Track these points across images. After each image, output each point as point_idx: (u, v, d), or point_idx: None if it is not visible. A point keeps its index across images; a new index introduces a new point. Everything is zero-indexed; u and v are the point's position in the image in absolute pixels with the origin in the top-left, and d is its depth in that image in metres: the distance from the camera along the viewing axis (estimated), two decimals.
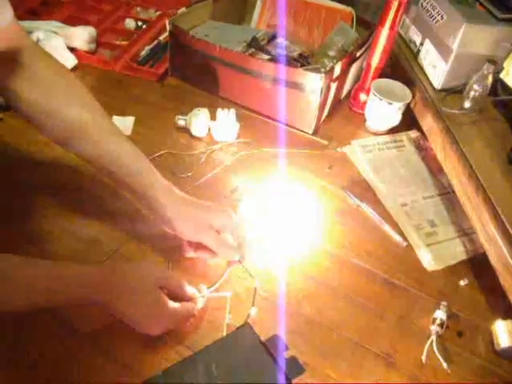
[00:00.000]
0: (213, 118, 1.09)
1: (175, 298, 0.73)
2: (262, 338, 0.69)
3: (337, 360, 0.76)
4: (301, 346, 0.77)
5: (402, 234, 0.97)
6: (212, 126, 1.08)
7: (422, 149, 1.18)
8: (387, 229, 0.98)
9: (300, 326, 0.79)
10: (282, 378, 0.62)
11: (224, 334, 0.74)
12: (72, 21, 1.36)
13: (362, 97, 1.25)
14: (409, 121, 1.19)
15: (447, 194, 1.07)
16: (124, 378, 0.70)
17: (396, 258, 0.93)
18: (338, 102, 1.26)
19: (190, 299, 0.75)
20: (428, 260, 0.93)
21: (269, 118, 1.18)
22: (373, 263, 0.91)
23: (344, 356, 0.77)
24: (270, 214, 0.93)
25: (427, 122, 1.09)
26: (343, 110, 1.27)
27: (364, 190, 1.05)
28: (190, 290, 0.75)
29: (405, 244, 0.95)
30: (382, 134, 1.20)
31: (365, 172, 1.09)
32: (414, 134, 1.22)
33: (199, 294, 0.76)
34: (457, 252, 0.96)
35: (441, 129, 1.03)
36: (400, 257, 0.93)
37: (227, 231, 0.82)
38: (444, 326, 0.82)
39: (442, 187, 1.09)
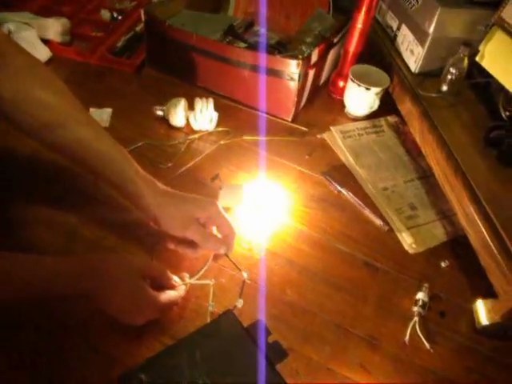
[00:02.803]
0: (191, 107, 1.08)
1: (158, 287, 0.72)
2: (245, 325, 0.69)
3: (320, 344, 0.77)
4: (284, 331, 0.77)
5: (383, 218, 0.97)
6: (190, 116, 1.07)
7: (402, 133, 1.18)
8: (368, 213, 0.98)
9: (283, 312, 0.79)
10: (265, 363, 0.62)
11: (208, 322, 0.74)
12: (45, 12, 1.32)
13: (341, 83, 1.24)
14: (388, 106, 1.19)
15: (427, 178, 1.08)
16: (108, 370, 0.69)
17: (377, 241, 0.93)
18: (316, 89, 1.25)
19: (172, 288, 0.74)
20: (409, 243, 0.94)
21: (248, 106, 1.18)
22: (354, 247, 0.91)
23: (327, 340, 0.78)
24: (250, 201, 0.93)
25: (406, 106, 1.10)
26: (322, 97, 1.27)
27: (344, 176, 1.05)
28: (172, 278, 0.75)
29: (386, 228, 0.96)
30: (361, 120, 1.20)
31: (345, 158, 1.10)
32: (392, 118, 1.22)
33: (181, 282, 0.76)
34: (437, 234, 0.97)
35: (419, 113, 1.04)
36: (381, 240, 0.94)
37: (213, 224, 0.81)
38: (426, 307, 0.83)
39: (421, 171, 1.09)
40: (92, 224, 0.87)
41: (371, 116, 1.20)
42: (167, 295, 0.72)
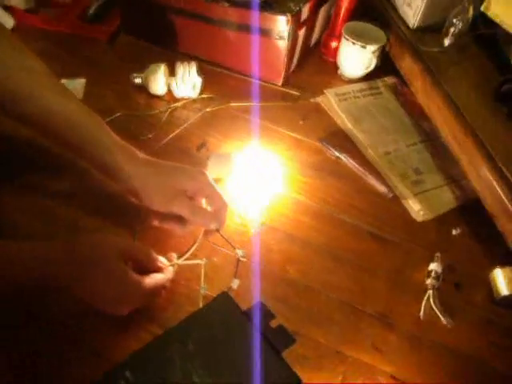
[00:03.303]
0: (172, 73, 0.98)
1: (142, 271, 0.63)
2: (243, 308, 0.61)
3: (328, 325, 0.69)
4: (287, 313, 0.69)
5: (386, 184, 0.89)
6: (172, 82, 0.98)
7: (401, 94, 1.10)
8: (371, 180, 0.90)
9: (284, 292, 0.72)
10: (269, 351, 0.53)
11: (200, 307, 0.66)
12: None
13: (333, 43, 1.15)
14: (384, 67, 1.11)
15: (431, 141, 1.00)
16: (92, 366, 0.61)
17: (383, 210, 0.86)
18: (307, 51, 1.16)
19: (158, 270, 0.65)
20: (417, 210, 0.86)
21: (234, 71, 1.08)
22: (358, 217, 0.83)
23: (335, 320, 0.70)
24: (241, 172, 0.84)
25: (405, 64, 1.01)
26: (314, 60, 1.18)
27: (342, 141, 0.97)
28: (158, 259, 0.66)
29: (391, 195, 0.88)
30: (356, 82, 1.12)
31: (342, 122, 1.01)
32: (390, 79, 1.14)
33: (169, 263, 0.67)
34: (446, 200, 0.89)
35: (421, 70, 0.95)
36: (387, 209, 0.86)
37: (202, 196, 0.72)
38: (440, 279, 0.76)
39: (424, 134, 1.01)
40: (68, 206, 0.77)
41: (367, 78, 1.12)
42: (153, 279, 0.63)
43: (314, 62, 1.17)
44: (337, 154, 0.93)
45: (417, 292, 0.75)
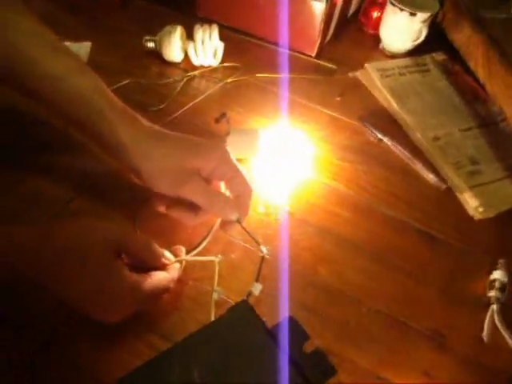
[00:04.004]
0: (190, 37, 0.85)
1: (141, 268, 0.51)
2: (264, 319, 0.46)
3: (368, 343, 0.56)
4: (317, 326, 0.56)
5: (437, 174, 0.75)
6: (189, 48, 0.84)
7: (451, 73, 0.95)
8: (419, 168, 0.76)
9: (314, 299, 0.58)
10: None
11: (212, 316, 0.53)
12: None
13: (375, 13, 1.01)
14: (431, 43, 0.96)
15: (488, 126, 0.86)
16: None
17: (434, 204, 0.72)
18: (344, 22, 1.02)
19: (161, 268, 0.52)
20: (474, 206, 0.72)
21: (260, 38, 0.95)
22: (404, 211, 0.70)
23: (378, 337, 0.56)
24: (268, 152, 0.71)
25: (463, 34, 0.87)
26: (351, 32, 1.04)
27: (385, 122, 0.83)
28: (161, 254, 0.53)
29: (444, 187, 0.74)
30: (400, 58, 0.97)
31: (385, 100, 0.87)
32: (439, 56, 0.99)
33: (175, 259, 0.54)
34: (509, 195, 0.75)
35: (483, 41, 0.81)
36: (439, 203, 0.72)
37: (221, 178, 0.58)
38: (506, 291, 0.62)
39: (480, 118, 0.87)
40: (58, 185, 0.64)
41: (412, 53, 0.97)
42: (154, 279, 0.50)
43: (351, 34, 1.03)
44: (379, 135, 0.79)
45: (477, 306, 0.61)
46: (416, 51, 0.97)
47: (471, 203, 0.72)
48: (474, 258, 0.66)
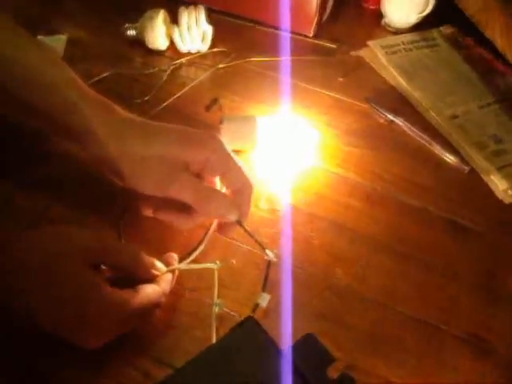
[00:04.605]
0: (174, 21, 0.77)
1: (126, 281, 0.42)
2: (276, 337, 0.37)
3: (397, 353, 0.48)
4: (337, 336, 0.48)
5: (459, 155, 0.67)
6: (175, 33, 0.76)
7: (462, 47, 0.87)
8: (438, 150, 0.68)
9: (332, 305, 0.50)
10: None
11: (213, 332, 0.44)
12: None
13: None
14: (436, 15, 0.88)
15: (509, 100, 0.77)
16: None
17: (458, 189, 0.64)
18: None
19: (150, 279, 0.44)
20: (503, 189, 0.64)
21: (252, 20, 0.86)
22: (426, 199, 0.61)
23: (408, 345, 0.48)
24: (268, 141, 0.63)
25: (476, 0, 0.78)
26: (350, 9, 0.95)
27: (395, 102, 0.75)
28: (150, 263, 0.45)
29: (467, 169, 0.66)
30: (404, 33, 0.89)
31: (393, 79, 0.79)
32: (447, 29, 0.91)
33: (166, 269, 0.46)
34: None
35: (500, 5, 0.72)
36: (463, 188, 0.64)
37: (215, 173, 0.50)
38: None
39: (498, 92, 0.79)
40: (33, 191, 0.56)
41: (417, 28, 0.89)
42: (142, 294, 0.42)
43: (350, 10, 0.95)
44: (390, 117, 0.71)
45: None
46: (420, 26, 0.89)
47: (500, 186, 0.64)
48: (510, 248, 0.58)
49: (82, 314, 0.39)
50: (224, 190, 0.51)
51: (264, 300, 0.44)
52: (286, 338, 0.38)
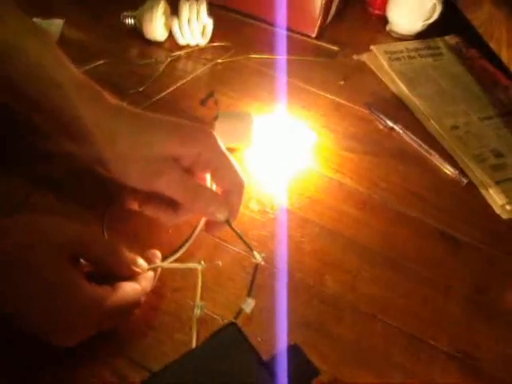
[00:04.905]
0: (175, 13, 0.75)
1: (106, 277, 0.40)
2: (263, 351, 0.35)
3: (386, 368, 0.46)
4: (324, 348, 0.46)
5: (458, 167, 0.66)
6: (174, 25, 0.74)
7: (466, 58, 0.86)
8: (437, 160, 0.66)
9: (320, 314, 0.48)
10: None
11: (194, 336, 0.42)
12: None
13: None
14: (441, 24, 0.87)
15: (511, 115, 0.76)
16: None
17: (455, 201, 0.62)
18: (347, 1, 0.92)
19: (131, 276, 0.42)
20: (501, 204, 0.63)
21: (254, 17, 0.85)
22: (423, 210, 0.60)
23: (396, 361, 0.46)
24: (263, 140, 0.61)
25: (483, 11, 0.77)
26: (355, 13, 0.95)
27: (395, 109, 0.73)
28: (130, 260, 0.43)
29: (465, 181, 0.64)
30: (408, 40, 0.88)
31: (394, 85, 0.77)
32: (452, 39, 0.89)
33: (148, 266, 0.44)
34: None
35: (506, 16, 0.71)
36: (460, 200, 0.63)
37: (206, 169, 0.48)
38: None
39: (501, 105, 0.78)
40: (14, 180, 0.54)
41: (421, 36, 0.88)
42: (120, 291, 0.40)
43: (355, 14, 0.94)
44: (390, 123, 0.69)
45: (510, 320, 0.51)
46: (425, 34, 0.88)
47: (498, 200, 0.63)
48: (504, 264, 0.57)
49: (57, 308, 0.37)
50: (214, 187, 0.49)
51: (248, 306, 0.42)
52: (269, 346, 0.36)
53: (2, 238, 0.37)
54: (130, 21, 0.76)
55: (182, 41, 0.76)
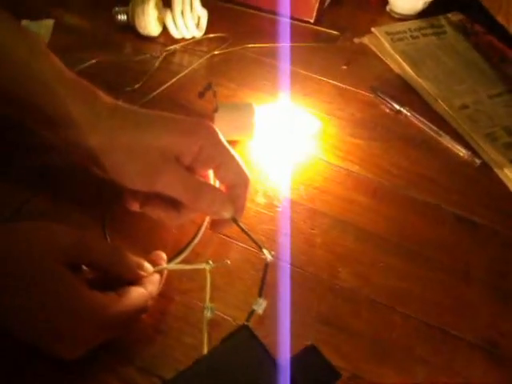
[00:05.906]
0: (167, 5, 0.72)
1: (109, 283, 0.38)
2: (279, 356, 0.33)
3: (407, 363, 0.44)
4: (341, 345, 0.43)
5: (469, 147, 0.63)
6: (167, 18, 0.72)
7: (471, 34, 0.83)
8: (447, 142, 0.63)
9: (335, 309, 0.46)
10: None
11: (205, 339, 0.40)
12: None
13: None
14: (442, 1, 0.84)
15: None
16: None
17: (469, 183, 0.60)
18: None
19: (136, 280, 0.40)
20: None
21: (249, 5, 0.82)
22: (436, 194, 0.58)
23: (419, 354, 0.44)
24: (265, 132, 0.58)
25: None
26: None
27: (401, 91, 0.71)
28: (135, 263, 0.41)
29: (478, 162, 0.62)
30: (410, 20, 0.85)
31: (399, 67, 0.75)
32: (455, 16, 0.87)
33: (154, 269, 0.42)
34: None
35: None
36: (475, 181, 0.60)
37: (208, 165, 0.45)
38: None
39: (510, 81, 0.75)
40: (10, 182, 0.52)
41: (422, 15, 0.85)
42: (126, 298, 0.38)
43: None
44: (397, 106, 0.67)
45: None
46: (427, 13, 0.86)
47: None
48: None
49: (55, 320, 0.35)
50: (218, 184, 0.47)
51: (260, 306, 0.40)
52: (284, 347, 0.34)
53: (3, 247, 0.35)
54: (121, 16, 0.74)
55: (176, 34, 0.74)
